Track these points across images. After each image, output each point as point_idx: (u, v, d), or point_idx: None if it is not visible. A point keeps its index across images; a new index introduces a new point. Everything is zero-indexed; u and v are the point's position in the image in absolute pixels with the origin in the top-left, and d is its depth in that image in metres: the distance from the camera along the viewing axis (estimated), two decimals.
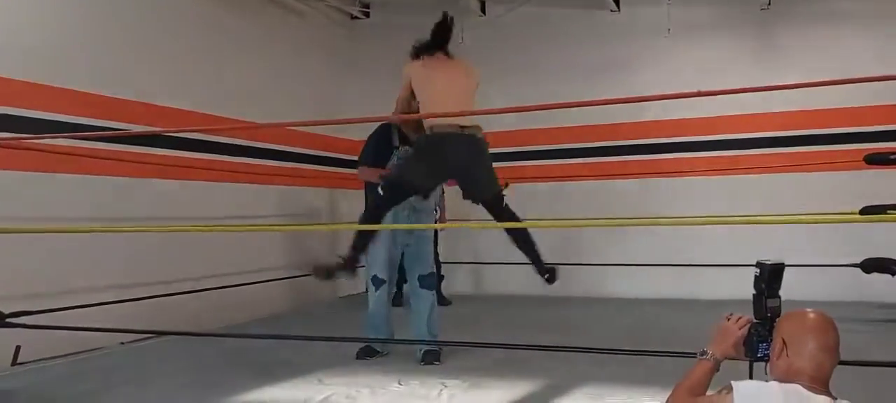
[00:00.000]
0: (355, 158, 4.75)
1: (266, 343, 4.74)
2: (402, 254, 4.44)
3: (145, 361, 4.46)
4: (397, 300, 6.35)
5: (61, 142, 4.58)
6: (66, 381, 3.90)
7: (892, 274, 5.46)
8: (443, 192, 4.95)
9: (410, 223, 4.34)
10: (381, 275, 4.39)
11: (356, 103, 7.38)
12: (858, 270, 5.51)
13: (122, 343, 4.74)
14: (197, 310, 5.42)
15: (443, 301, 6.71)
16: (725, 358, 1.89)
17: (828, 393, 1.63)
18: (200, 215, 5.68)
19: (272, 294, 6.53)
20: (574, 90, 6.86)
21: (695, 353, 1.91)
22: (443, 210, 6.26)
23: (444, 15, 3.93)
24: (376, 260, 4.39)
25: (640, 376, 3.56)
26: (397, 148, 4.33)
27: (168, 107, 5.46)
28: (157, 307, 5.02)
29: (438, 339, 4.31)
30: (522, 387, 3.53)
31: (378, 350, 4.36)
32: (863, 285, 5.73)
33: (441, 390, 3.53)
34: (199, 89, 5.83)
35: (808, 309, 1.71)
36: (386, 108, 4.53)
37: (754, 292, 1.83)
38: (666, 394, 3.14)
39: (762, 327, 1.79)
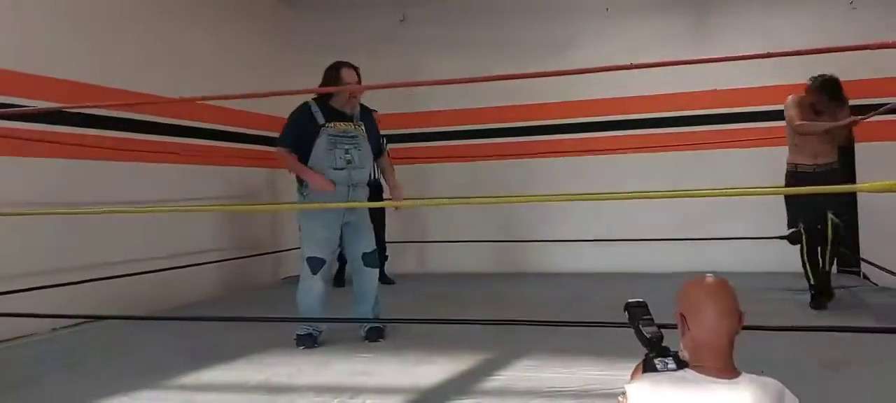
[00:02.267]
0: None
1: (204, 327, 4.64)
2: (341, 234, 4.18)
3: (79, 347, 4.34)
4: (339, 280, 6.29)
5: None
6: None
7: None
8: (381, 169, 4.80)
9: (351, 199, 4.14)
10: (320, 255, 4.06)
11: (299, 82, 7.27)
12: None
13: (55, 330, 4.62)
14: (133, 294, 5.29)
15: (387, 280, 6.71)
16: None
17: (729, 368, 1.55)
18: (135, 198, 5.55)
19: (211, 276, 6.43)
20: (513, 68, 6.94)
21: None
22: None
23: None
24: (312, 239, 4.08)
25: (578, 346, 3.65)
26: (325, 125, 4.04)
27: (98, 86, 5.28)
28: (92, 291, 4.89)
29: (382, 317, 4.29)
30: (467, 360, 3.57)
31: (317, 338, 4.10)
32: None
33: (386, 366, 3.55)
34: (131, 66, 5.65)
35: (703, 276, 1.65)
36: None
37: (633, 330, 1.80)
38: (602, 362, 3.26)
39: (652, 353, 1.68)
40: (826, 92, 4.55)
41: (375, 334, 4.15)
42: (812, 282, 4.74)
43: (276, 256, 7.47)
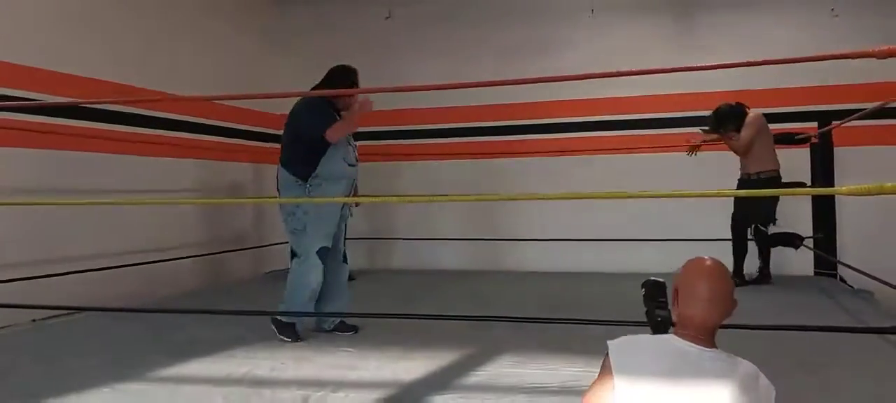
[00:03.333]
0: (279, 132, 4.58)
1: (185, 320, 4.59)
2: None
3: (58, 339, 4.30)
4: None
5: None
6: None
7: (796, 248, 5.80)
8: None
9: (353, 195, 4.26)
10: (329, 245, 4.12)
11: (285, 78, 7.30)
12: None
13: (34, 321, 4.57)
14: (114, 287, 5.26)
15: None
16: None
17: (710, 342, 1.60)
18: (119, 188, 5.51)
19: (193, 270, 6.40)
20: (497, 68, 6.99)
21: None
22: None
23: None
24: (321, 230, 4.07)
25: (560, 343, 3.67)
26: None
27: (90, 78, 5.26)
28: (71, 283, 4.85)
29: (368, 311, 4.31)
30: (449, 356, 3.58)
31: (299, 332, 4.10)
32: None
33: (368, 360, 3.56)
34: (121, 60, 5.62)
35: (705, 257, 1.69)
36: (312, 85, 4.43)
37: (645, 308, 1.84)
38: (584, 359, 3.30)
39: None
40: (712, 133, 5.75)
41: (347, 327, 4.22)
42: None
43: (258, 250, 7.44)
